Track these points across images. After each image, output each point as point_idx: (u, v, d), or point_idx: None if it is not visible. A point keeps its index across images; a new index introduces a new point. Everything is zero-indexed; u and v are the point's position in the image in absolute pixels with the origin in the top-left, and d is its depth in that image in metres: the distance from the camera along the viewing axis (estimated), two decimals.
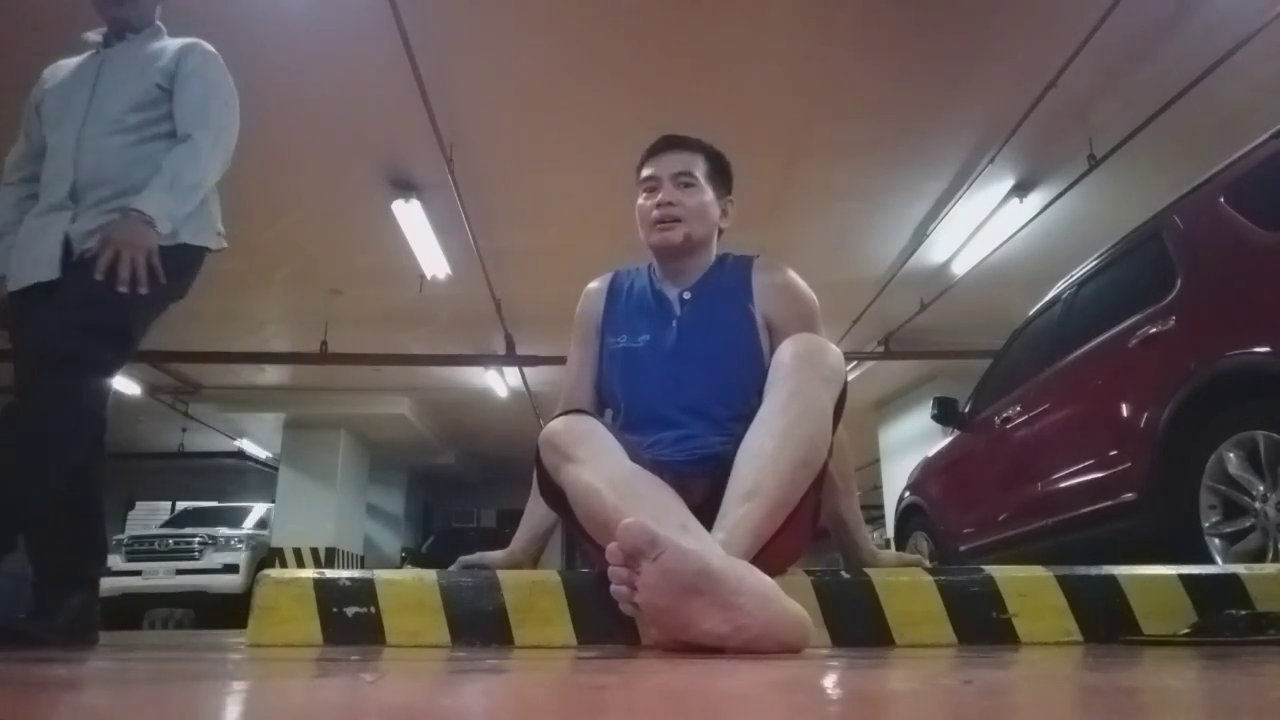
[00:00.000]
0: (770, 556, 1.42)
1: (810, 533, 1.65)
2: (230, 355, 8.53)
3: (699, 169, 1.81)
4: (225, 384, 9.96)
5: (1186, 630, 1.58)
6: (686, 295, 1.81)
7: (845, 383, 1.53)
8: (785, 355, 1.51)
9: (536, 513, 1.79)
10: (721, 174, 1.85)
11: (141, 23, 2.13)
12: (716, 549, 1.25)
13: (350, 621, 1.67)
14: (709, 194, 1.81)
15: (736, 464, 1.43)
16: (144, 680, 0.97)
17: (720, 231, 1.86)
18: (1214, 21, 4.11)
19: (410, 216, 5.77)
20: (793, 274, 1.83)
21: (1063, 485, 3.28)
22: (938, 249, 6.61)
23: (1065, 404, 3.39)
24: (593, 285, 1.94)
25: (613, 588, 1.23)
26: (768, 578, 1.23)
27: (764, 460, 1.40)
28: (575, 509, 1.50)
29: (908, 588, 1.70)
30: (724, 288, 1.81)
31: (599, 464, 1.46)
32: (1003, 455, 3.86)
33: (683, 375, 1.74)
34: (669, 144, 1.84)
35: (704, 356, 1.74)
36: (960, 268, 6.78)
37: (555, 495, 1.56)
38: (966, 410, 4.34)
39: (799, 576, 1.68)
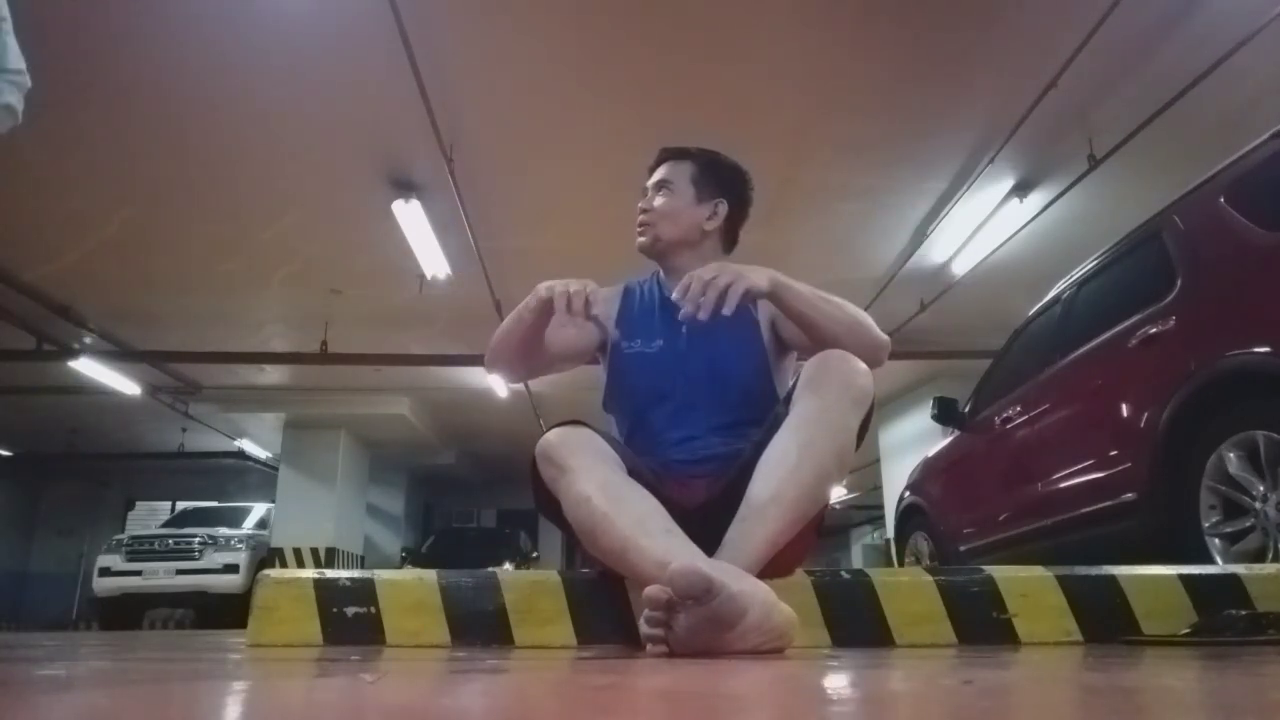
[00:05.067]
0: (778, 560, 1.45)
1: (815, 537, 1.67)
2: (230, 355, 8.53)
3: (683, 174, 1.85)
4: (225, 384, 9.95)
5: (1186, 630, 1.58)
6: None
7: (872, 403, 1.54)
8: (818, 370, 1.52)
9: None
10: (712, 177, 1.86)
11: None
12: (726, 565, 1.26)
13: (350, 621, 1.67)
14: (683, 197, 1.83)
15: (758, 470, 1.45)
16: (144, 680, 0.97)
17: (706, 234, 1.84)
18: (1214, 21, 4.11)
19: (410, 216, 5.77)
20: None
21: (1063, 485, 3.28)
22: (938, 249, 6.61)
23: (1065, 404, 3.39)
24: (608, 288, 1.95)
25: (645, 630, 1.24)
26: (762, 583, 1.26)
27: (787, 470, 1.42)
28: (568, 518, 1.51)
29: (908, 588, 1.70)
30: None
31: (591, 473, 1.48)
32: (1003, 455, 3.86)
33: (691, 378, 1.76)
34: (662, 156, 1.91)
35: (711, 360, 1.76)
36: (960, 268, 6.78)
37: (552, 507, 1.57)
38: (966, 410, 4.34)
39: (799, 577, 1.68)
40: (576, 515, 1.47)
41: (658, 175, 1.87)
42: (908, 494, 4.92)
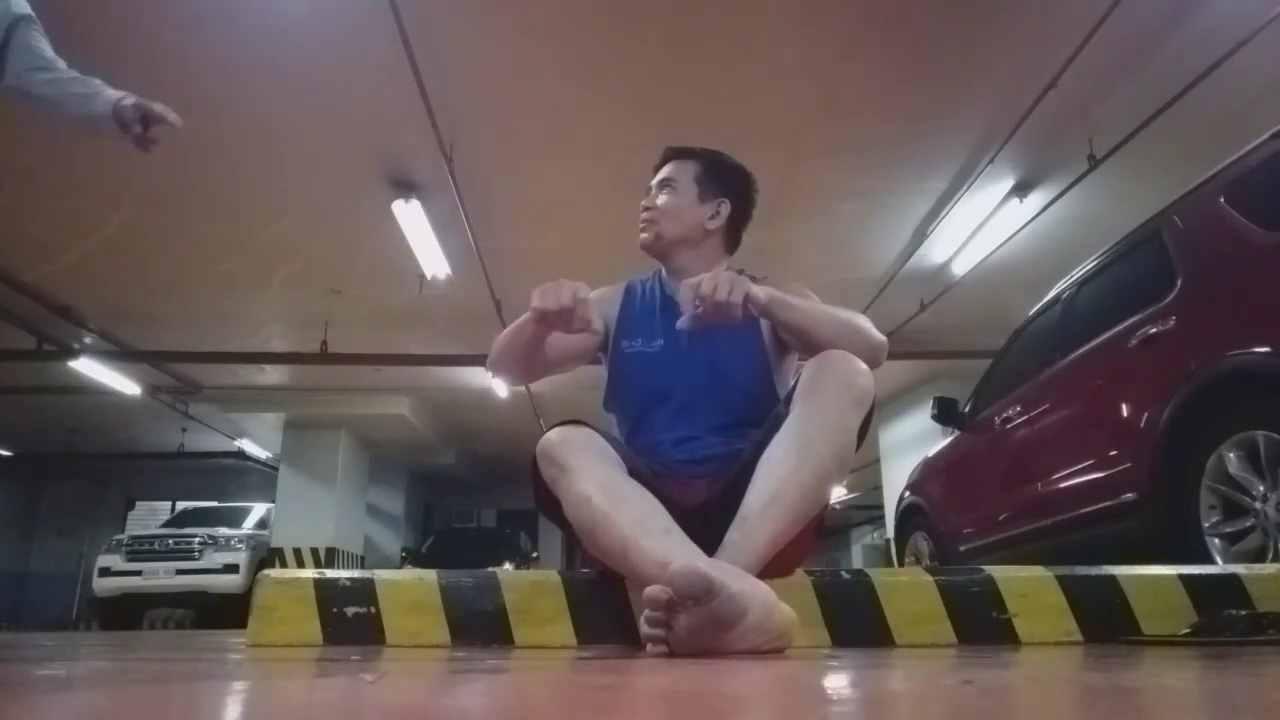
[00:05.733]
0: (779, 560, 1.45)
1: (815, 537, 1.67)
2: (230, 355, 8.53)
3: (687, 173, 1.86)
4: (225, 384, 9.95)
5: (1186, 630, 1.58)
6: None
7: (873, 404, 1.54)
8: (818, 370, 1.52)
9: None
10: (716, 177, 1.87)
11: None
12: (726, 565, 1.26)
13: (350, 621, 1.67)
14: (686, 196, 1.84)
15: (759, 470, 1.44)
16: (144, 680, 0.97)
17: (709, 233, 1.85)
18: (1214, 21, 4.11)
19: (410, 216, 5.77)
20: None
21: (1063, 485, 3.28)
22: (938, 249, 6.61)
23: (1065, 404, 3.38)
24: (609, 286, 1.96)
25: (646, 631, 1.24)
26: (762, 583, 1.26)
27: (787, 471, 1.42)
28: (568, 517, 1.51)
29: (908, 588, 1.70)
30: None
31: (591, 473, 1.47)
32: (1003, 455, 3.85)
33: (692, 378, 1.75)
34: (666, 155, 1.92)
35: (712, 360, 1.76)
36: (960, 268, 6.78)
37: (552, 506, 1.57)
38: (966, 410, 4.34)
39: (799, 577, 1.68)
40: (577, 515, 1.47)
41: (662, 174, 1.88)
42: (908, 494, 4.92)
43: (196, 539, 9.47)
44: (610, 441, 1.57)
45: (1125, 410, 2.92)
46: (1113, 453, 2.96)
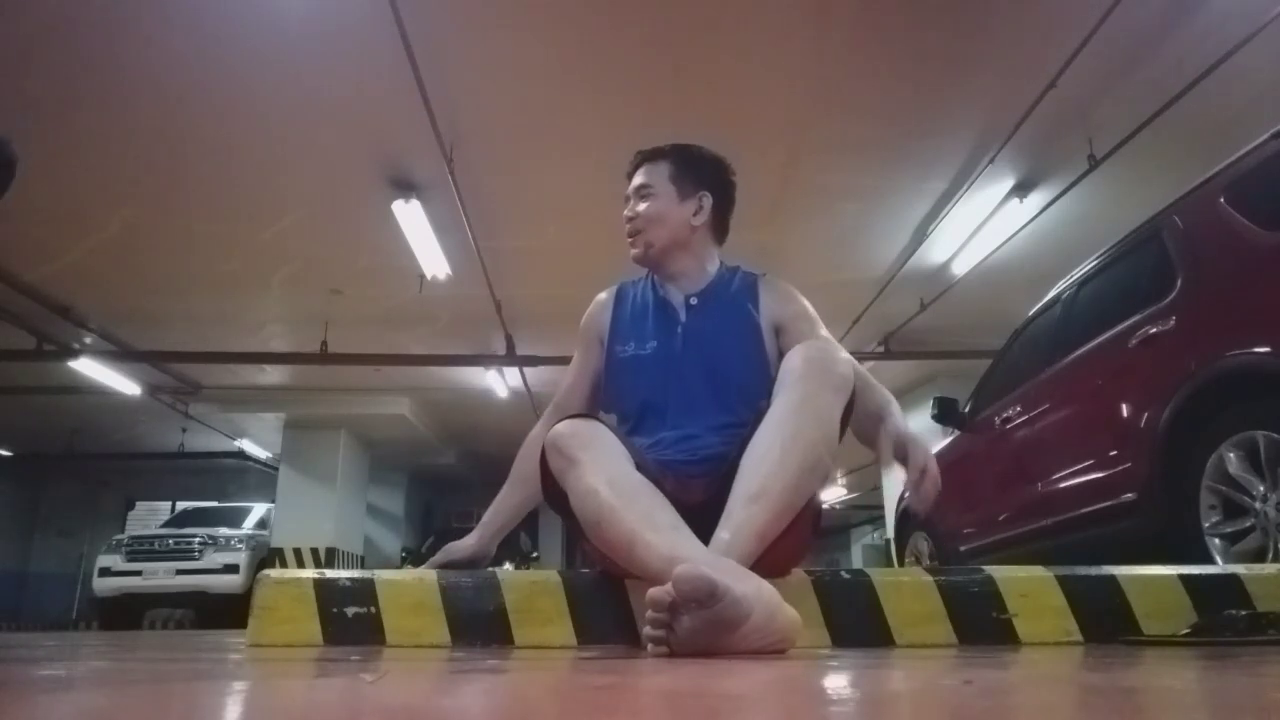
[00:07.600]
0: (773, 559, 1.44)
1: (812, 535, 1.66)
2: (230, 355, 8.53)
3: (661, 174, 1.84)
4: (225, 384, 9.96)
5: (1186, 630, 1.58)
6: (693, 301, 1.83)
7: (854, 391, 1.54)
8: (797, 361, 1.51)
9: (508, 504, 1.88)
10: (690, 172, 1.85)
11: None
12: (728, 563, 1.26)
13: (350, 621, 1.67)
14: (665, 198, 1.82)
15: (743, 465, 1.44)
16: (144, 680, 0.97)
17: (695, 229, 1.83)
18: (1214, 21, 4.11)
19: (410, 216, 5.77)
20: (795, 290, 1.90)
21: (1063, 485, 3.28)
22: (938, 249, 6.61)
23: (1065, 404, 3.39)
24: (600, 296, 1.96)
25: (648, 632, 1.24)
26: (766, 583, 1.25)
27: (771, 464, 1.41)
28: (575, 509, 1.51)
29: (908, 588, 1.70)
30: (730, 295, 1.84)
31: (600, 466, 1.47)
32: (1003, 455, 3.86)
33: (688, 379, 1.75)
34: (637, 160, 1.90)
35: (708, 361, 1.75)
36: (960, 268, 6.78)
37: (559, 499, 1.57)
38: (966, 410, 4.34)
39: (799, 576, 1.68)
40: (583, 507, 1.47)
41: (636, 180, 1.86)
42: (908, 494, 4.92)
43: (196, 539, 9.47)
44: (619, 437, 1.57)
45: (1125, 410, 2.92)
46: (1113, 453, 2.96)
